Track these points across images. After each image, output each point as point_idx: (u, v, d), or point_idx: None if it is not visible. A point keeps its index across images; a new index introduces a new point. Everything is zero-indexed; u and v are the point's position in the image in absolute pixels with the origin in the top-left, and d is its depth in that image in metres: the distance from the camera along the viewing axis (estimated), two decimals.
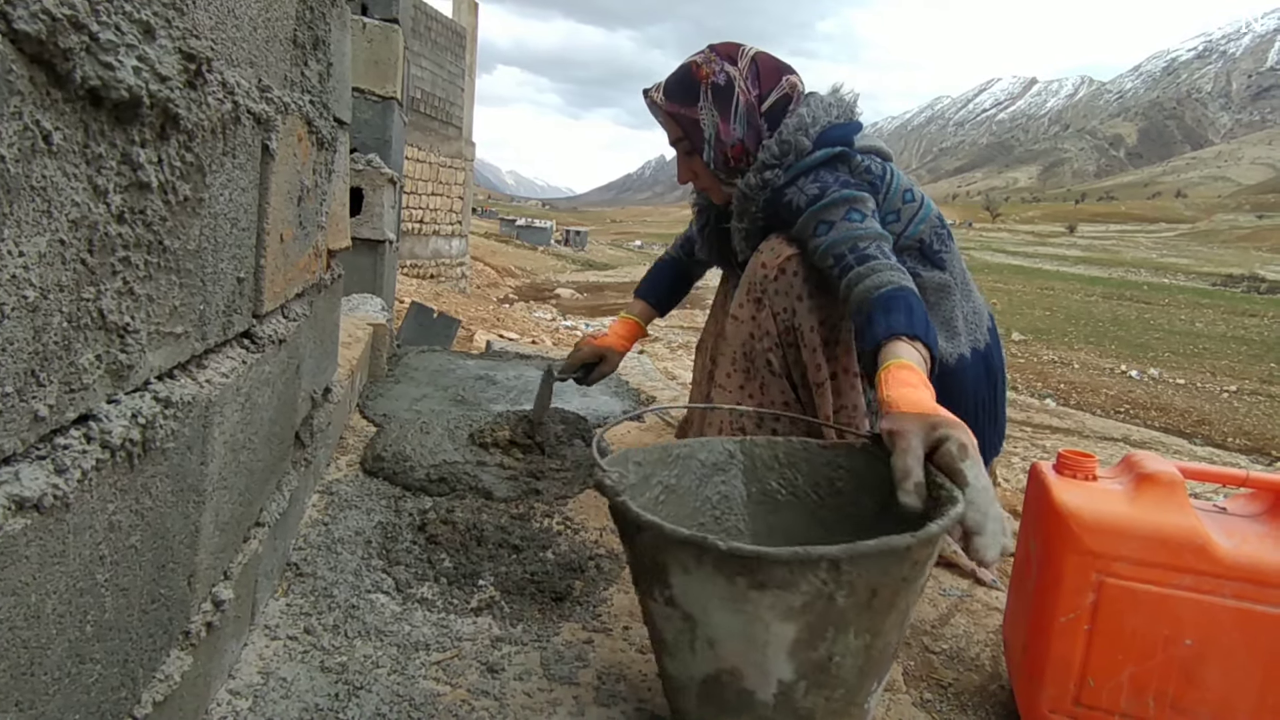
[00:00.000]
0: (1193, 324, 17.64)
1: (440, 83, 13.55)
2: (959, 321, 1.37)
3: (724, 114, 1.33)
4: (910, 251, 1.37)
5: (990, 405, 1.38)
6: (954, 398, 1.32)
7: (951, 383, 1.32)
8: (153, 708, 0.62)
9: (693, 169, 1.42)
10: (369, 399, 2.00)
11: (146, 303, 0.55)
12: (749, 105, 1.34)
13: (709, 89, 1.33)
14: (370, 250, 2.49)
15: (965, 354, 1.36)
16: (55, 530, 0.45)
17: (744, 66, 1.35)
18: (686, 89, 1.35)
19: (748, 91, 1.34)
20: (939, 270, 1.38)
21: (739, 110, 1.34)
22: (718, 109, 1.33)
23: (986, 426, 1.38)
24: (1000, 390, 1.41)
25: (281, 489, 1.05)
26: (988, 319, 1.43)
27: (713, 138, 1.35)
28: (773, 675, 0.72)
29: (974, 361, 1.35)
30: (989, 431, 1.38)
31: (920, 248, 1.37)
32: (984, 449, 1.38)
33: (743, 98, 1.34)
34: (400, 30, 2.54)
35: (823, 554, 0.66)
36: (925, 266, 1.37)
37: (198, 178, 0.60)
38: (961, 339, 1.36)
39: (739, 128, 1.34)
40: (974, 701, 1.05)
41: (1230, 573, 0.86)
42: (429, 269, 13.23)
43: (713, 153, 1.36)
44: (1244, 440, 7.66)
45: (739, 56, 1.36)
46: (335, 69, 1.12)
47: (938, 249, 1.38)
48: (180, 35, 0.53)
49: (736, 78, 1.34)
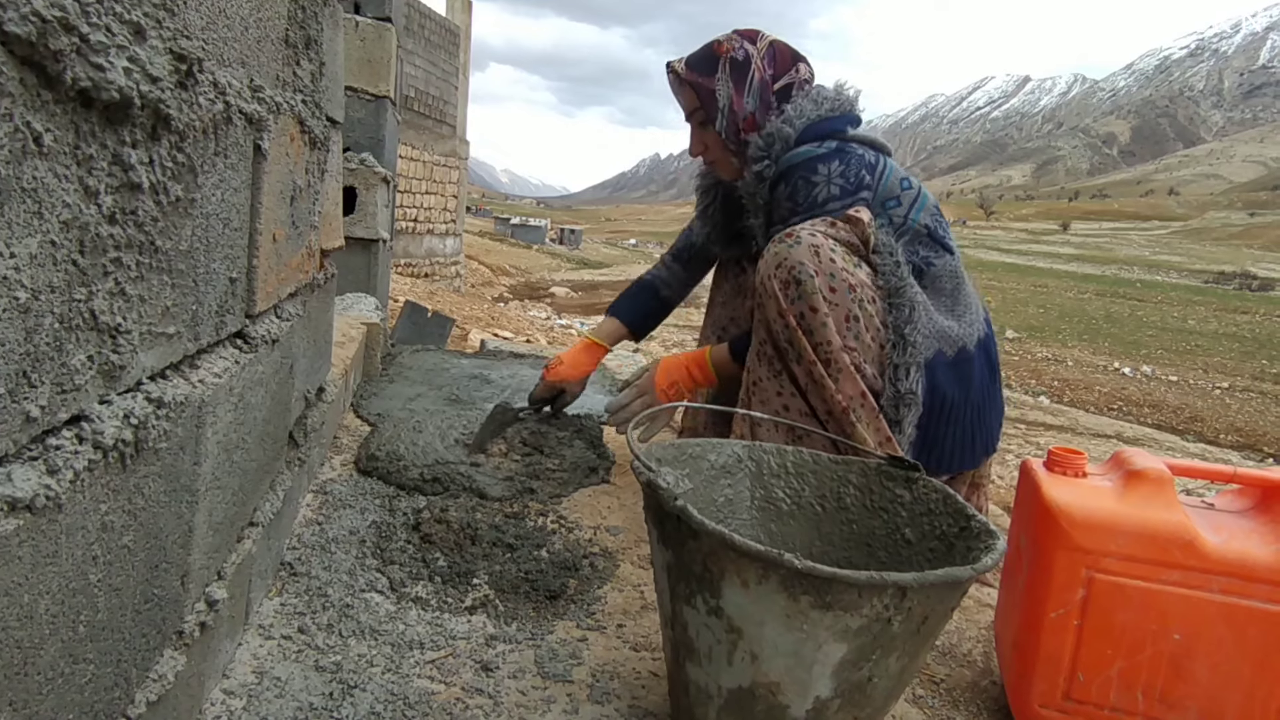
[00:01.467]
0: (1185, 321, 17.73)
1: (434, 81, 13.51)
2: (976, 307, 1.41)
3: (739, 87, 1.44)
4: (920, 238, 1.40)
5: (992, 392, 1.41)
6: (968, 382, 1.34)
7: (968, 368, 1.35)
8: (146, 708, 0.63)
9: (705, 140, 1.52)
10: (363, 398, 2.00)
11: (138, 303, 0.55)
12: (763, 82, 1.45)
13: (727, 62, 1.45)
14: (364, 249, 2.49)
15: (980, 338, 1.39)
16: (48, 531, 0.45)
17: (762, 48, 1.47)
18: (707, 61, 1.47)
19: (763, 69, 1.45)
20: (950, 255, 1.42)
21: (753, 85, 1.44)
22: (733, 81, 1.44)
23: (991, 414, 1.39)
24: (999, 380, 1.45)
25: (275, 489, 1.05)
26: (983, 311, 1.48)
27: (726, 107, 1.45)
28: (811, 692, 0.72)
29: (978, 351, 1.38)
30: (991, 419, 1.40)
31: (929, 233, 1.41)
32: (987, 437, 1.39)
33: (758, 74, 1.45)
34: (393, 28, 2.54)
35: (895, 580, 0.67)
36: (937, 253, 1.40)
37: (189, 178, 0.60)
38: (979, 324, 1.40)
39: (751, 101, 1.44)
40: (965, 697, 1.06)
41: (1218, 568, 0.87)
42: (423, 268, 13.21)
43: (725, 122, 1.46)
44: (1236, 437, 7.70)
45: (758, 39, 1.48)
46: (328, 68, 1.12)
47: (943, 235, 1.43)
48: (171, 36, 0.53)
49: (754, 56, 1.45)
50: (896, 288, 1.29)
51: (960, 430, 1.35)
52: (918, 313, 1.28)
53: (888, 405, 1.28)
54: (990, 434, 1.40)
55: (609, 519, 1.45)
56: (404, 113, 10.89)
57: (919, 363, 1.28)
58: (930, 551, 0.89)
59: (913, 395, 1.27)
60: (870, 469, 0.99)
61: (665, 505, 0.76)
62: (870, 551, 0.96)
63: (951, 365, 1.33)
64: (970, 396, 1.35)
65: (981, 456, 1.39)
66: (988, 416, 1.39)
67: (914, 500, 0.94)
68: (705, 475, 1.01)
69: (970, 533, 0.83)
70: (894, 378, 1.28)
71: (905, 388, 1.26)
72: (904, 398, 1.27)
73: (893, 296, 1.29)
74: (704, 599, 0.75)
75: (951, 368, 1.33)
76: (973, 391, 1.35)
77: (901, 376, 1.27)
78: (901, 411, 1.27)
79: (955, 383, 1.33)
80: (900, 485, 0.96)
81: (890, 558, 0.93)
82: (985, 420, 1.38)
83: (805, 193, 1.36)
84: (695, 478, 1.00)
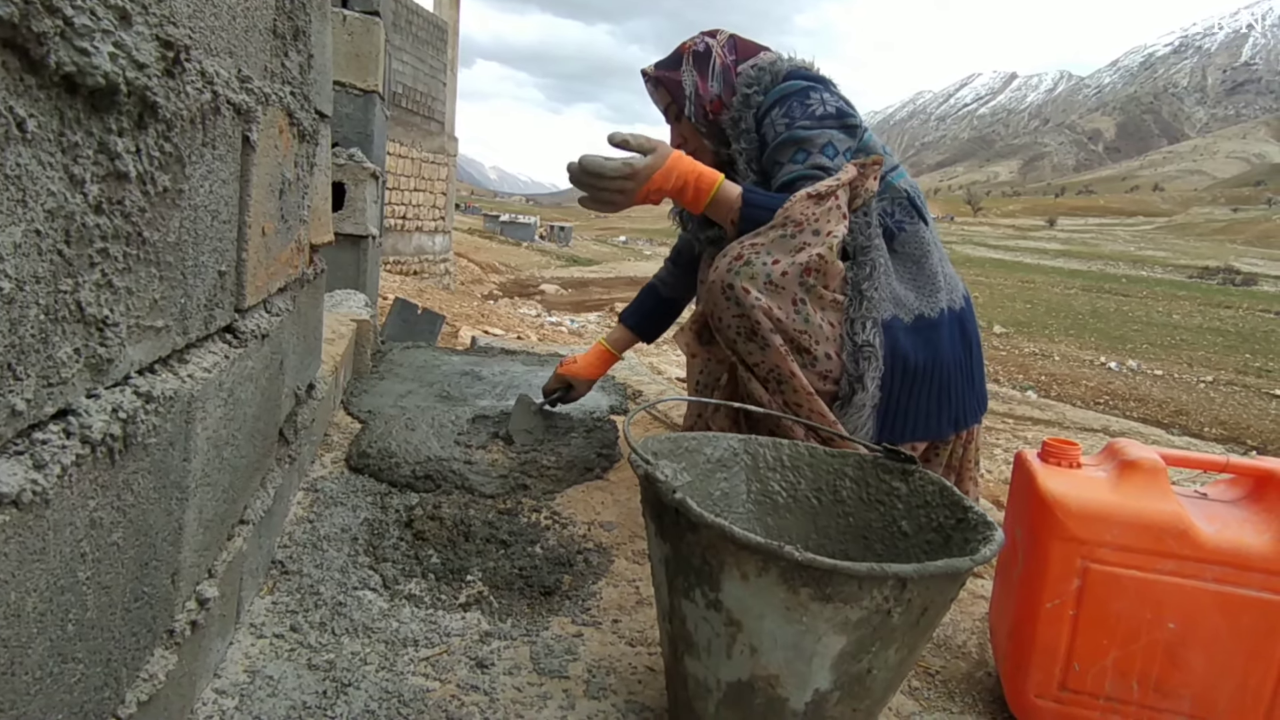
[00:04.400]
0: (1170, 316, 17.89)
1: (422, 77, 13.44)
2: (940, 278, 1.42)
3: (702, 74, 1.55)
4: (900, 202, 1.45)
5: (966, 366, 1.42)
6: (935, 348, 1.36)
7: (934, 334, 1.37)
8: (137, 707, 0.61)
9: (682, 133, 1.59)
10: (354, 395, 1.98)
11: (126, 295, 0.53)
12: (725, 66, 1.54)
13: (690, 55, 1.57)
14: (353, 246, 2.47)
15: (944, 309, 1.40)
16: (35, 527, 0.44)
17: (722, 39, 1.59)
18: (673, 58, 1.60)
19: (724, 56, 1.56)
20: (924, 224, 1.46)
21: (715, 70, 1.54)
22: (697, 70, 1.55)
23: (964, 388, 1.41)
24: (976, 356, 1.45)
25: (266, 486, 1.04)
26: (962, 289, 1.50)
27: (693, 94, 1.55)
28: (811, 685, 0.72)
29: (950, 320, 1.40)
30: (966, 394, 1.41)
31: (909, 199, 1.46)
32: (963, 411, 1.40)
33: (719, 60, 1.55)
34: (381, 23, 2.52)
35: (895, 571, 0.67)
36: (912, 219, 1.44)
37: (177, 168, 0.59)
38: (941, 295, 1.41)
39: (716, 84, 1.54)
40: (961, 688, 1.06)
41: (1212, 557, 0.87)
42: (412, 265, 13.14)
43: (693, 107, 1.55)
44: (1220, 430, 7.78)
45: (718, 34, 1.60)
46: (316, 60, 1.11)
47: (921, 204, 1.48)
48: (158, 22, 0.52)
49: (714, 46, 1.57)
50: (863, 246, 1.32)
51: (925, 395, 1.35)
52: (878, 272, 1.32)
53: (848, 360, 1.29)
54: (961, 406, 1.40)
55: (603, 514, 1.45)
56: (392, 109, 10.82)
57: (874, 318, 1.30)
58: (927, 544, 0.89)
59: (870, 347, 1.28)
60: (866, 461, 0.99)
61: (664, 498, 0.75)
62: (867, 544, 0.96)
63: (911, 330, 1.35)
64: (938, 362, 1.36)
65: (949, 428, 1.38)
66: (959, 387, 1.39)
67: (910, 492, 0.94)
68: (701, 469, 1.01)
69: (968, 524, 0.83)
70: (851, 331, 1.30)
71: (861, 339, 1.28)
72: (862, 350, 1.28)
73: (858, 254, 1.32)
74: (703, 592, 0.74)
75: (912, 332, 1.35)
76: (941, 358, 1.36)
77: (858, 330, 1.29)
78: (861, 365, 1.28)
79: (919, 347, 1.34)
80: (896, 478, 0.96)
81: (887, 550, 0.93)
82: (955, 390, 1.38)
83: (802, 110, 1.40)
84: (692, 471, 1.00)
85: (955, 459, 1.44)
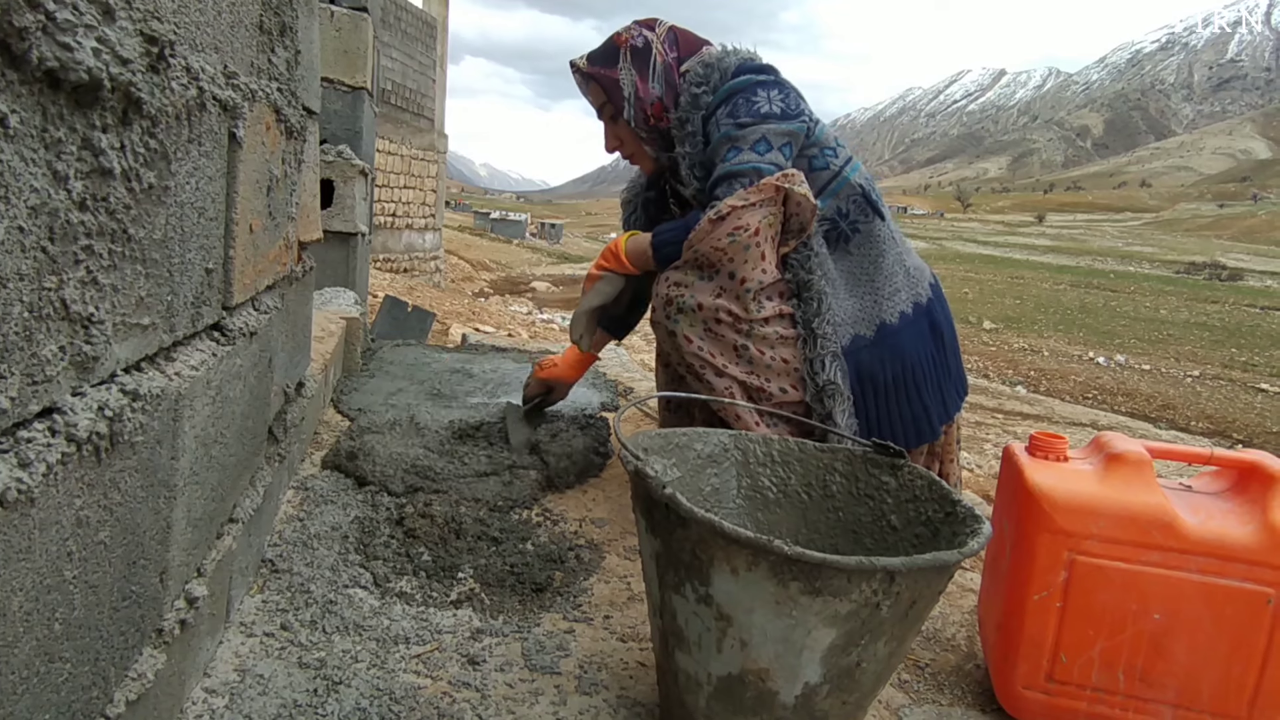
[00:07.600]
0: (1157, 311, 18.04)
1: (411, 74, 13.36)
2: (900, 276, 1.39)
3: (642, 73, 1.43)
4: (854, 198, 1.40)
5: (939, 358, 1.40)
6: (902, 356, 1.34)
7: (898, 341, 1.35)
8: (126, 706, 0.61)
9: (618, 135, 1.50)
10: (343, 393, 1.97)
11: (111, 293, 0.53)
12: (666, 65, 1.44)
13: (628, 51, 1.44)
14: (342, 243, 2.45)
15: (907, 310, 1.38)
16: (20, 525, 0.44)
17: (661, 33, 1.46)
18: (608, 54, 1.46)
19: (665, 53, 1.44)
20: (880, 219, 1.42)
21: (656, 69, 1.43)
22: (636, 69, 1.43)
23: (942, 381, 1.40)
24: (949, 345, 1.44)
25: (255, 485, 1.04)
26: (929, 275, 1.47)
27: (632, 96, 1.44)
28: (801, 678, 0.72)
29: (915, 318, 1.38)
30: (945, 387, 1.40)
31: (864, 194, 1.41)
32: (944, 405, 1.40)
33: (660, 58, 1.44)
34: (370, 19, 2.50)
35: (883, 565, 0.67)
36: (867, 216, 1.40)
37: (162, 165, 0.59)
38: (902, 294, 1.38)
39: (657, 86, 1.43)
40: (950, 680, 1.07)
41: (1196, 548, 0.88)
42: (402, 263, 13.08)
43: (633, 111, 1.44)
44: (1206, 424, 7.85)
45: (656, 26, 1.48)
46: (303, 57, 1.10)
47: (876, 199, 1.43)
48: (141, 17, 0.52)
49: (654, 41, 1.45)
50: (804, 281, 1.30)
51: (903, 405, 1.35)
52: (825, 304, 1.29)
53: (812, 401, 1.28)
54: (942, 401, 1.39)
55: (594, 511, 1.45)
56: (381, 106, 10.76)
57: (833, 352, 1.28)
58: (916, 537, 0.89)
59: (834, 385, 1.27)
60: (856, 456, 1.00)
61: (654, 493, 0.75)
62: (857, 538, 0.96)
63: (875, 344, 1.33)
64: (908, 368, 1.34)
65: (938, 428, 1.38)
66: (937, 384, 1.38)
67: (899, 487, 0.95)
68: (692, 464, 1.01)
69: (956, 518, 0.84)
70: (811, 372, 1.29)
71: (823, 379, 1.28)
72: (824, 389, 1.28)
73: (802, 290, 1.30)
74: (693, 587, 0.74)
75: (876, 346, 1.33)
76: (910, 364, 1.35)
77: (819, 369, 1.28)
78: (827, 404, 1.28)
79: (887, 361, 1.33)
80: (886, 472, 0.96)
81: (877, 544, 0.94)
82: (933, 389, 1.38)
83: (746, 108, 1.34)
84: (682, 467, 1.00)
85: (938, 445, 1.45)
